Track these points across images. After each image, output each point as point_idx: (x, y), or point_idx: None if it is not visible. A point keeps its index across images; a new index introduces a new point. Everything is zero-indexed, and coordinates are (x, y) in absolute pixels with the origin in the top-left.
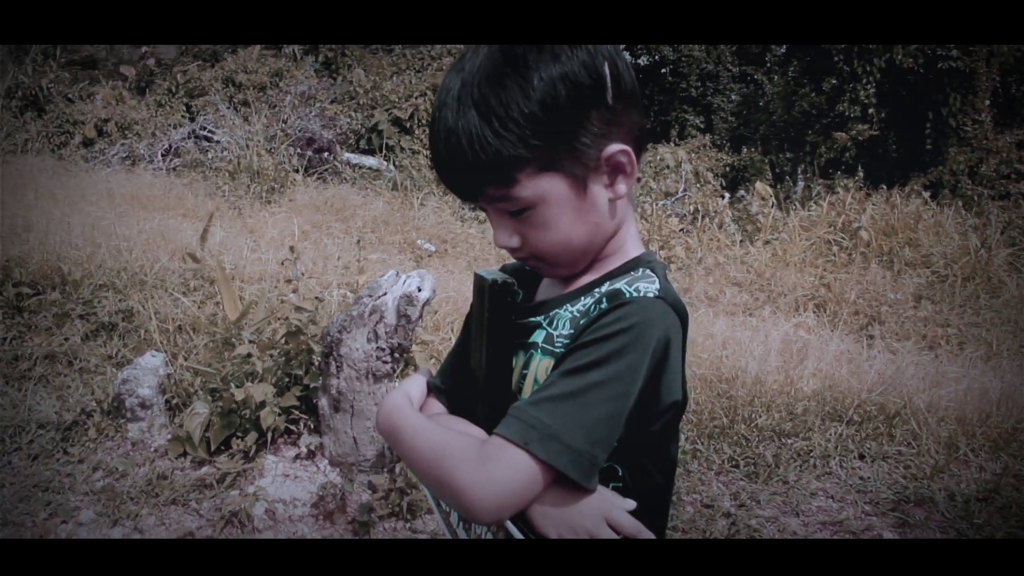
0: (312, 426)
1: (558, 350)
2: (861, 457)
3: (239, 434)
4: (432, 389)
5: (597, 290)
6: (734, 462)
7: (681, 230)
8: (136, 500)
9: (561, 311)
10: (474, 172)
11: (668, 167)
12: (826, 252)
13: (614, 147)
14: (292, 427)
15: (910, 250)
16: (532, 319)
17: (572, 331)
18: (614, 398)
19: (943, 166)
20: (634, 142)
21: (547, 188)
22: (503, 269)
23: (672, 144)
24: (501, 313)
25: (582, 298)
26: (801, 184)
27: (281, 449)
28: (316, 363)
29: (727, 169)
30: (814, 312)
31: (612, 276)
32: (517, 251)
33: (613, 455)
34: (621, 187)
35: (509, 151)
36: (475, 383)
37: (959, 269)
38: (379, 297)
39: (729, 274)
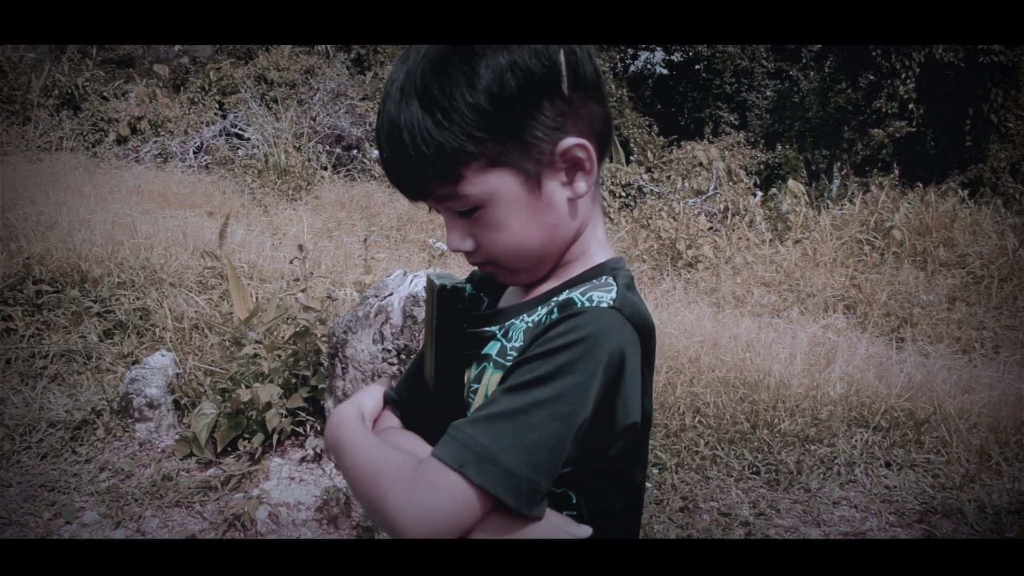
0: (319, 428)
1: (509, 363)
2: (887, 465)
3: (246, 435)
4: (388, 401)
5: (554, 299)
6: (755, 469)
7: (710, 229)
8: (140, 502)
9: (517, 321)
10: (418, 168)
11: (700, 164)
12: (858, 252)
13: (570, 141)
14: (299, 429)
15: (945, 250)
16: (487, 329)
17: (524, 343)
18: (560, 418)
19: (984, 163)
20: (595, 136)
21: (497, 185)
22: (473, 274)
23: (706, 141)
24: (450, 321)
25: (539, 308)
26: (837, 182)
27: (288, 451)
28: (324, 364)
29: (761, 167)
30: (843, 313)
31: (572, 284)
32: (471, 255)
33: (566, 480)
34: (581, 185)
35: (453, 145)
36: (428, 395)
37: (996, 270)
38: (385, 297)
39: (757, 274)
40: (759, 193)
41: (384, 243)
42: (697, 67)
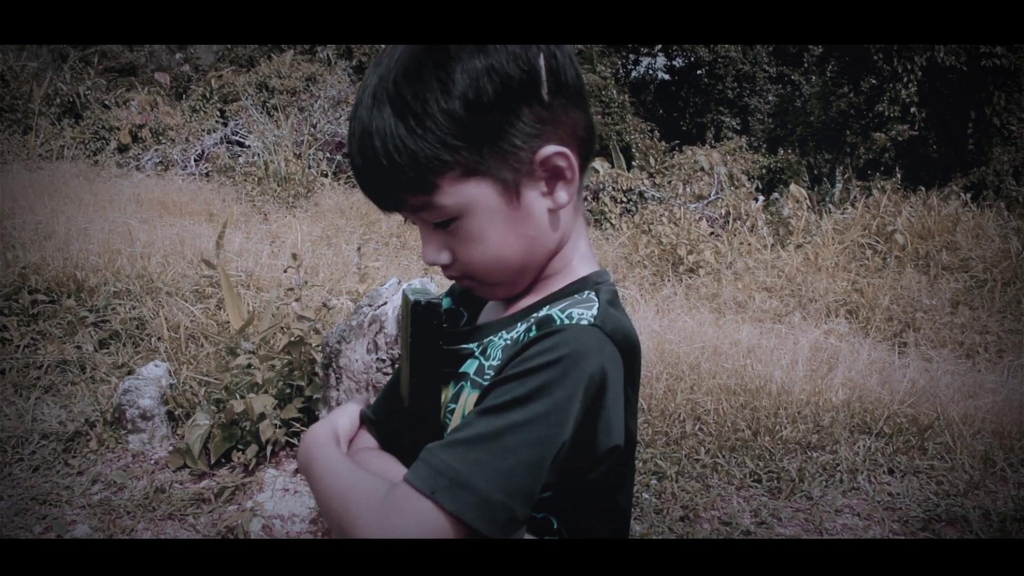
0: None
1: (487, 383)
2: (890, 472)
3: (240, 447)
4: (364, 420)
5: (534, 315)
6: (756, 476)
7: (711, 234)
8: (132, 514)
9: (495, 338)
10: (390, 177)
11: (702, 169)
12: (860, 256)
13: (549, 149)
14: (293, 440)
15: (947, 254)
16: (465, 346)
17: (502, 362)
18: (537, 442)
19: (986, 166)
20: (577, 144)
21: (473, 195)
22: (453, 287)
23: (707, 146)
24: (425, 338)
25: (518, 324)
26: (839, 186)
27: (283, 462)
28: (319, 374)
29: (763, 171)
30: (845, 318)
31: (553, 299)
32: (448, 268)
33: (546, 505)
34: (561, 195)
35: (427, 153)
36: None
37: (999, 273)
38: (379, 307)
39: (759, 279)
40: (761, 198)
41: (383, 251)
42: (699, 72)
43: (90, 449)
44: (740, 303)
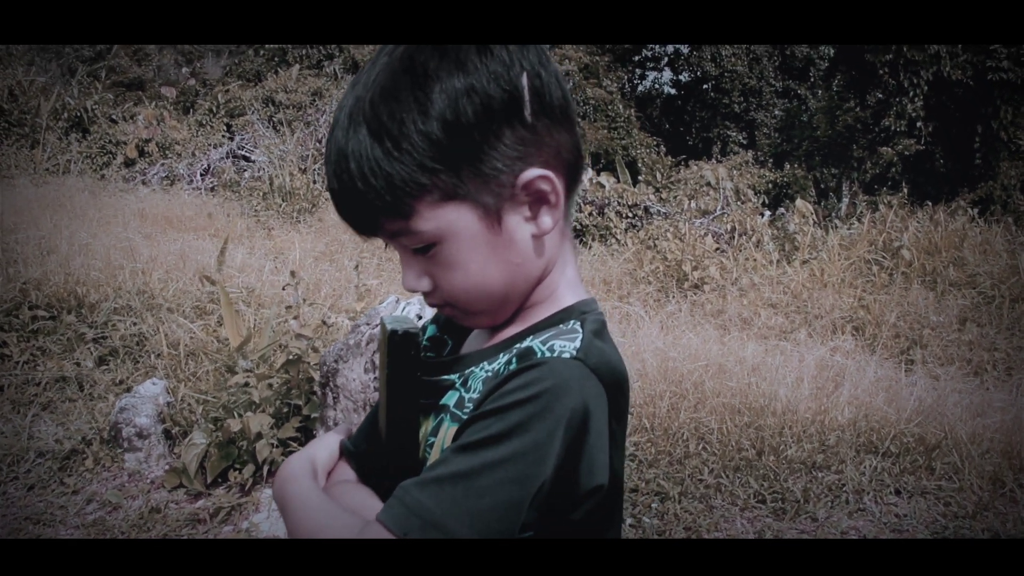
0: None
1: (467, 416)
2: (897, 492)
3: (237, 466)
4: (344, 452)
5: (516, 346)
6: (760, 497)
7: (717, 250)
8: (126, 535)
9: (477, 369)
10: (366, 201)
11: (708, 184)
12: (866, 272)
13: (532, 172)
14: None
15: (955, 270)
16: (445, 377)
17: (482, 395)
18: (514, 482)
19: (994, 181)
20: (563, 167)
21: (453, 220)
22: (438, 314)
23: (714, 161)
24: (403, 368)
25: (500, 355)
26: (845, 201)
27: None
28: (317, 393)
29: (769, 186)
30: (852, 335)
31: (537, 329)
32: (429, 296)
33: None
34: (546, 220)
35: (403, 176)
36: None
37: (1007, 289)
38: (376, 325)
39: (764, 295)
40: (767, 213)
41: (385, 267)
42: (705, 86)
43: (86, 468)
44: (745, 320)
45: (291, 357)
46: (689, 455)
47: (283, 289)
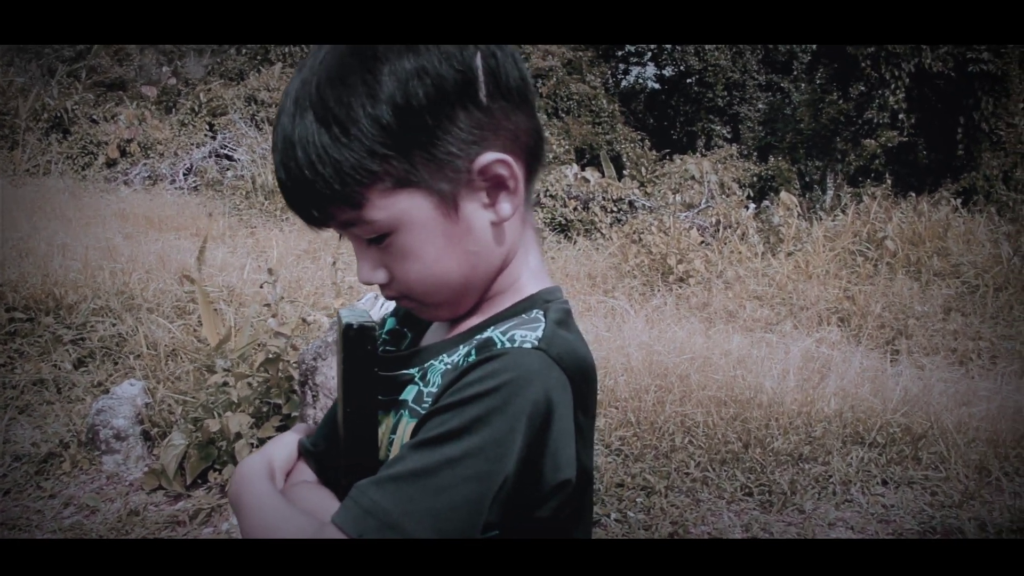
0: None
1: (425, 411)
2: (884, 483)
3: (216, 467)
4: (303, 452)
5: (477, 337)
6: (747, 490)
7: (702, 243)
8: (105, 538)
9: (436, 362)
10: (315, 190)
11: (693, 178)
12: (851, 263)
13: (489, 157)
14: None
15: (939, 260)
16: (404, 372)
17: (441, 389)
18: (475, 478)
19: (976, 171)
20: (521, 151)
21: (406, 209)
22: (398, 307)
23: (698, 155)
24: (360, 364)
25: (460, 347)
26: (830, 193)
27: None
28: (296, 391)
29: (754, 179)
30: (837, 326)
31: (498, 319)
32: (385, 288)
33: None
34: (505, 207)
35: (352, 163)
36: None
37: (991, 279)
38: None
39: (749, 288)
40: (751, 205)
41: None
42: (689, 80)
43: (63, 471)
44: (731, 312)
45: (270, 356)
46: (675, 449)
47: (260, 287)
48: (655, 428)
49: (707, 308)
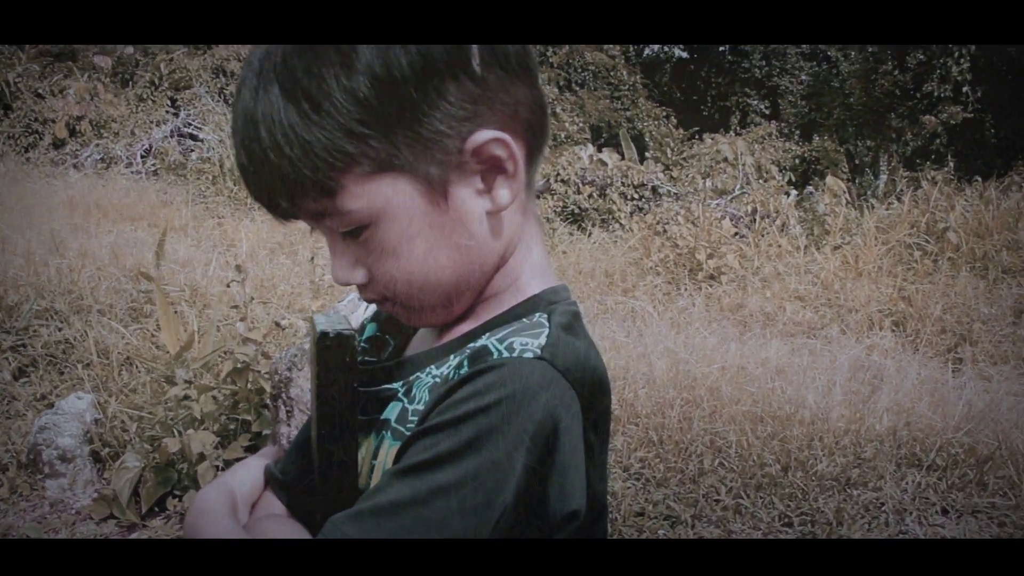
0: None
1: (410, 433)
2: (944, 512)
3: (176, 492)
4: (270, 480)
5: (471, 345)
6: (786, 519)
7: (735, 235)
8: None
9: (423, 375)
10: (282, 176)
11: (725, 160)
12: (907, 258)
13: (484, 135)
14: None
15: (1008, 254)
16: (387, 386)
17: (428, 406)
18: (469, 511)
19: None
20: (522, 129)
21: (388, 196)
22: (379, 311)
23: (732, 134)
24: (336, 377)
25: (451, 357)
26: (883, 177)
27: None
28: (268, 406)
29: (796, 161)
30: (891, 331)
31: (495, 324)
32: (364, 289)
33: None
34: (502, 193)
35: (325, 143)
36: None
37: None
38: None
39: (790, 286)
40: (793, 192)
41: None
42: (721, 49)
43: (0, 498)
44: (768, 315)
45: (238, 365)
46: (704, 472)
47: (228, 286)
48: (680, 448)
49: (741, 310)
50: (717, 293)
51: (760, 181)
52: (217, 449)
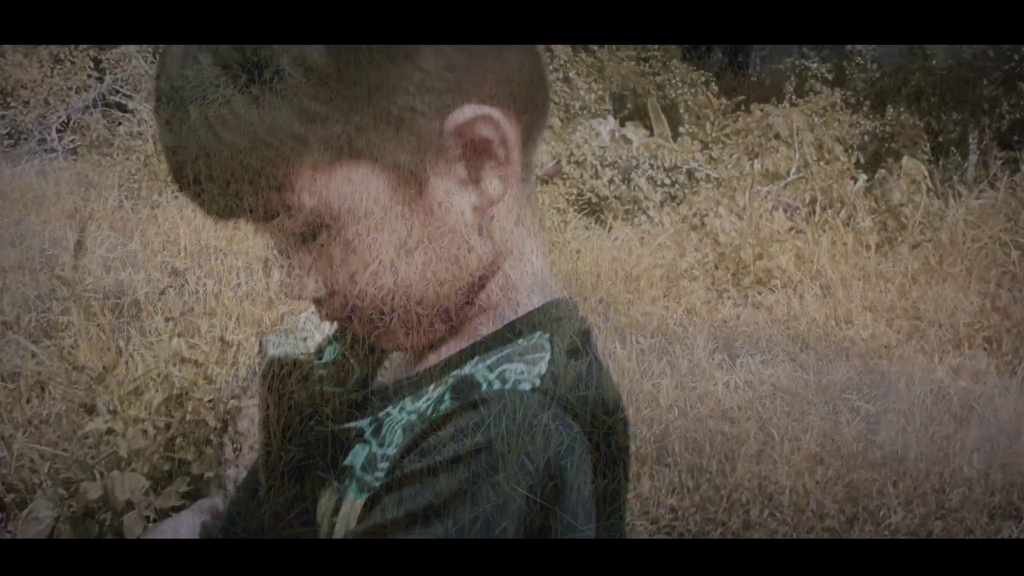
0: None
1: (378, 483)
2: None
3: None
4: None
5: (455, 373)
6: None
7: (791, 230)
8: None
9: (394, 410)
10: (218, 165)
11: (778, 136)
12: (1002, 260)
13: (468, 112)
14: None
15: None
16: (352, 425)
17: (402, 450)
18: None
19: None
20: (516, 104)
21: (349, 190)
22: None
23: (786, 104)
24: (290, 413)
25: (430, 388)
26: (973, 159)
27: None
28: (212, 442)
29: (865, 139)
30: (983, 349)
31: (486, 347)
32: (323, 305)
33: None
34: (492, 184)
35: (270, 124)
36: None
37: None
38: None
39: (857, 294)
40: (862, 177)
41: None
42: None
43: None
44: (829, 329)
45: (175, 391)
46: (750, 525)
47: (162, 293)
48: (721, 496)
49: (796, 322)
50: (767, 302)
51: (821, 163)
52: (148, 495)
